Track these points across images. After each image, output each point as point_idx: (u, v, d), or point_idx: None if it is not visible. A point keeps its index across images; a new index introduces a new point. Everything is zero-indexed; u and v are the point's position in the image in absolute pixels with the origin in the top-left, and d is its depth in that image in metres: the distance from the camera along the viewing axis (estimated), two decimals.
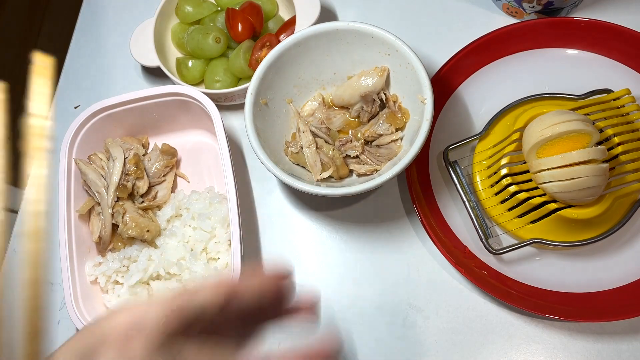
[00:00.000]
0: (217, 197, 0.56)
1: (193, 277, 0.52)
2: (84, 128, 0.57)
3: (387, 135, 0.56)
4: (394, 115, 0.56)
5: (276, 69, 0.55)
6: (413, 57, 0.52)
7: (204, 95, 0.56)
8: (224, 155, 0.54)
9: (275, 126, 0.57)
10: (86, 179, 0.56)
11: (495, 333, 0.52)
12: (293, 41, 0.55)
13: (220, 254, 0.55)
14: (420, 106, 0.52)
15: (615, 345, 0.50)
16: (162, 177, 0.59)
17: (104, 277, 0.54)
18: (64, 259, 0.52)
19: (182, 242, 0.55)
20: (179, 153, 0.61)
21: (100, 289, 0.55)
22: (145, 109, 0.58)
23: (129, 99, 0.57)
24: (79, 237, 0.55)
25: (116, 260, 0.54)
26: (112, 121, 0.58)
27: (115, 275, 0.54)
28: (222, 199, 0.56)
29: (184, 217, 0.56)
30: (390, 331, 0.53)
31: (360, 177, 0.56)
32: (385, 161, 0.55)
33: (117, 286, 0.55)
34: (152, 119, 0.60)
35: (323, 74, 0.59)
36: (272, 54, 0.54)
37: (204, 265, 0.53)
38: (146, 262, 0.53)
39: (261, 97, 0.55)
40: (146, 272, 0.53)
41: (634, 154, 0.50)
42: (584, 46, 0.58)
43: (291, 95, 0.58)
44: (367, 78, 0.56)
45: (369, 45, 0.55)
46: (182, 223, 0.56)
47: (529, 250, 0.53)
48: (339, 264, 0.57)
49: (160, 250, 0.55)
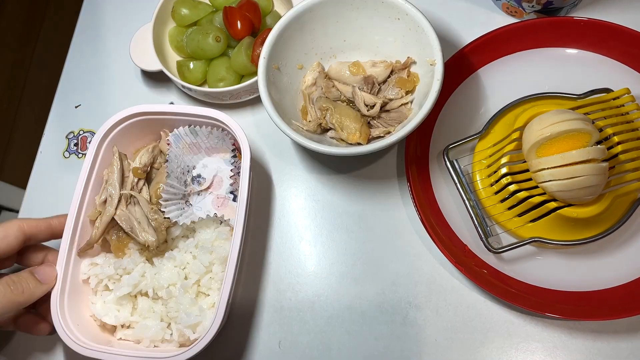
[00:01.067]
0: (224, 234, 0.54)
1: (177, 308, 0.51)
2: (115, 130, 0.56)
3: (397, 100, 0.56)
4: (403, 79, 0.56)
5: (287, 35, 0.56)
6: (423, 20, 0.53)
7: (238, 126, 0.54)
8: (242, 197, 0.51)
9: (288, 91, 0.58)
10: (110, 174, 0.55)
11: (495, 331, 0.52)
12: (303, 8, 0.55)
13: (212, 291, 0.53)
14: (430, 70, 0.52)
15: (614, 344, 0.50)
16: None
17: (96, 279, 0.53)
18: (63, 249, 0.52)
19: (179, 267, 0.54)
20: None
21: (90, 290, 0.54)
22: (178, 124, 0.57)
23: (164, 110, 0.56)
24: (83, 232, 0.54)
25: (112, 266, 0.53)
26: (142, 127, 0.58)
27: (107, 280, 0.53)
28: (228, 236, 0.54)
29: (187, 242, 0.55)
30: (390, 330, 0.53)
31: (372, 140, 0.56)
32: (396, 124, 0.55)
33: (106, 292, 0.54)
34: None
35: (333, 40, 0.59)
36: (282, 20, 0.55)
37: (191, 300, 0.51)
38: (138, 278, 0.53)
39: (273, 62, 0.55)
40: (136, 287, 0.53)
41: (634, 153, 0.50)
42: (584, 46, 0.58)
43: (302, 62, 0.59)
44: (374, 67, 0.58)
45: (379, 10, 0.56)
46: (185, 248, 0.54)
47: (529, 249, 0.53)
48: (339, 263, 0.57)
49: (156, 269, 0.54)
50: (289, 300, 0.56)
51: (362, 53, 0.60)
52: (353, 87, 0.58)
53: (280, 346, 0.54)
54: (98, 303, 0.53)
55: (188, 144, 0.57)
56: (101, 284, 0.54)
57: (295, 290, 0.56)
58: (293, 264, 0.57)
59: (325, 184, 0.60)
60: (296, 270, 0.57)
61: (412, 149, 0.56)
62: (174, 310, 0.52)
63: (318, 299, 0.56)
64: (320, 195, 0.60)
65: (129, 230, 0.54)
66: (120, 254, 0.54)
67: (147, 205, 0.55)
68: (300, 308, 0.55)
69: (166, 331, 0.52)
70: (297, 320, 0.55)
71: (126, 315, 0.52)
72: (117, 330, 0.53)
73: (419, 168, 0.56)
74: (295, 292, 0.56)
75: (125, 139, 0.57)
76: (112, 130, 0.56)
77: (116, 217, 0.54)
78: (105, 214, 0.54)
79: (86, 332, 0.50)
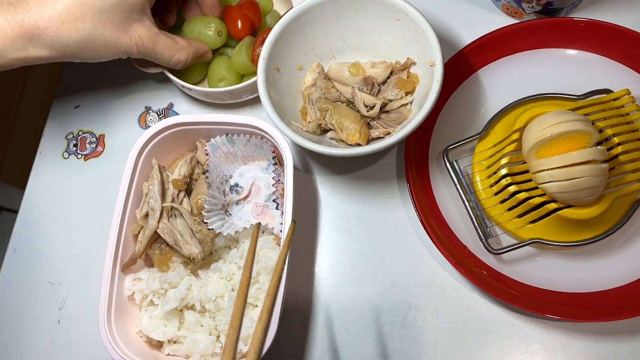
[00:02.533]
0: (269, 243, 0.53)
1: (226, 320, 0.50)
2: (153, 141, 0.55)
3: (397, 100, 0.56)
4: (403, 80, 0.56)
5: (286, 36, 0.56)
6: (423, 21, 0.53)
7: (279, 134, 0.53)
8: (288, 206, 0.50)
9: (287, 92, 0.57)
10: (151, 187, 0.55)
11: (494, 333, 0.52)
12: (303, 8, 0.55)
13: (260, 301, 0.52)
14: (430, 71, 0.52)
15: (614, 345, 0.50)
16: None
17: (141, 294, 0.52)
18: (107, 266, 0.51)
19: (225, 279, 0.53)
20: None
21: (135, 306, 0.53)
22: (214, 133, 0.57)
23: (203, 120, 0.55)
24: (126, 247, 0.53)
25: (157, 280, 0.52)
26: (178, 138, 0.57)
27: (152, 295, 0.52)
28: (273, 245, 0.53)
29: (231, 253, 0.54)
30: (389, 331, 0.53)
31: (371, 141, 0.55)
32: (395, 125, 0.55)
33: (151, 307, 0.53)
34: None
35: (333, 41, 0.59)
36: (282, 21, 0.55)
37: None
38: (185, 291, 0.51)
39: (273, 63, 0.55)
40: (182, 301, 0.51)
41: (634, 154, 0.50)
42: (584, 46, 0.58)
43: (302, 62, 0.59)
44: (373, 67, 0.58)
45: (378, 10, 0.56)
46: (230, 259, 0.54)
47: (529, 250, 0.53)
48: (338, 264, 0.57)
49: (202, 282, 0.53)
50: (288, 301, 0.56)
51: (361, 54, 0.60)
52: (353, 87, 0.58)
53: (279, 347, 0.54)
54: (144, 319, 0.52)
55: (225, 153, 0.57)
56: (146, 299, 0.53)
57: (294, 291, 0.56)
58: (292, 265, 0.57)
59: (325, 185, 0.60)
60: (296, 271, 0.57)
61: (412, 149, 0.56)
62: (222, 322, 0.51)
63: (317, 300, 0.55)
64: (319, 196, 0.59)
65: (172, 243, 0.53)
66: (165, 267, 0.54)
67: (190, 217, 0.54)
68: (299, 309, 0.55)
69: (216, 344, 0.50)
70: (297, 322, 0.55)
71: (173, 330, 0.51)
72: (164, 346, 0.52)
73: (418, 169, 0.56)
74: (294, 293, 0.56)
75: (162, 150, 0.57)
76: (149, 142, 0.55)
77: (159, 231, 0.53)
78: (147, 228, 0.53)
79: (134, 348, 0.49)
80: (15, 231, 0.64)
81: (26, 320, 0.60)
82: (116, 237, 0.52)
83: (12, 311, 0.60)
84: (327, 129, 0.57)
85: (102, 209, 0.61)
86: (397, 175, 0.59)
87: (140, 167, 0.55)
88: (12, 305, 0.61)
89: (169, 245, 0.54)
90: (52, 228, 0.63)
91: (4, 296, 0.61)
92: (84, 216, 0.63)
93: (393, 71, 0.58)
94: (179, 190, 0.56)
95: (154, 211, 0.54)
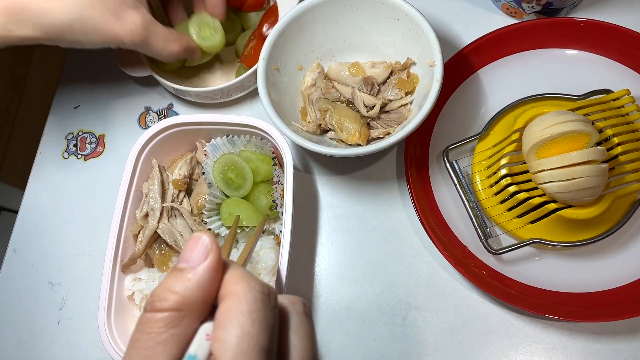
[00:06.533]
0: (269, 242, 0.53)
1: None
2: (153, 142, 0.55)
3: (397, 100, 0.57)
4: (403, 80, 0.56)
5: (286, 36, 0.56)
6: (422, 21, 0.53)
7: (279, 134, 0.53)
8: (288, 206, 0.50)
9: (287, 92, 0.58)
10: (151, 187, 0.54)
11: (494, 333, 0.52)
12: (303, 8, 0.55)
13: None
14: (429, 71, 0.53)
15: (614, 345, 0.50)
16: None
17: (141, 294, 0.53)
18: (107, 266, 0.51)
19: None
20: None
21: (135, 306, 0.53)
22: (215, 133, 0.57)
23: (204, 120, 0.55)
24: (125, 247, 0.53)
25: (157, 280, 0.52)
26: (178, 138, 0.57)
27: None
28: (273, 244, 0.53)
29: (231, 253, 0.53)
30: (389, 331, 0.53)
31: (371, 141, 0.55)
32: (395, 125, 0.55)
33: None
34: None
35: (333, 41, 0.59)
36: (282, 21, 0.55)
37: None
38: None
39: (272, 63, 0.55)
40: None
41: (634, 154, 0.50)
42: (584, 46, 0.58)
43: (302, 63, 0.59)
44: (373, 68, 0.58)
45: (378, 10, 0.56)
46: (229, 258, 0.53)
47: (529, 250, 0.53)
48: (338, 264, 0.57)
49: None
50: None
51: (361, 54, 0.60)
52: (353, 88, 0.58)
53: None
54: None
55: (225, 153, 0.57)
56: (146, 299, 0.52)
57: (294, 291, 0.56)
58: (292, 266, 0.57)
59: (325, 185, 0.60)
60: (295, 272, 0.57)
61: (412, 150, 0.56)
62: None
63: (317, 300, 0.56)
64: (319, 196, 0.60)
65: (172, 243, 0.53)
66: (165, 267, 0.54)
67: (190, 217, 0.54)
68: None
69: None
70: None
71: None
72: None
73: (418, 169, 0.56)
74: (294, 293, 0.56)
75: (162, 151, 0.57)
76: (149, 142, 0.55)
77: (159, 231, 0.53)
78: (147, 228, 0.53)
79: None
80: (15, 231, 0.64)
81: (26, 320, 0.60)
82: (116, 237, 0.52)
83: (12, 311, 0.61)
84: (327, 129, 0.57)
85: (102, 209, 0.61)
86: (397, 176, 0.59)
87: (140, 167, 0.55)
88: (12, 305, 0.61)
89: (169, 245, 0.54)
90: (52, 228, 0.63)
91: (4, 296, 0.61)
92: (84, 216, 0.63)
93: (393, 71, 0.58)
94: (179, 191, 0.56)
95: (154, 211, 0.54)
